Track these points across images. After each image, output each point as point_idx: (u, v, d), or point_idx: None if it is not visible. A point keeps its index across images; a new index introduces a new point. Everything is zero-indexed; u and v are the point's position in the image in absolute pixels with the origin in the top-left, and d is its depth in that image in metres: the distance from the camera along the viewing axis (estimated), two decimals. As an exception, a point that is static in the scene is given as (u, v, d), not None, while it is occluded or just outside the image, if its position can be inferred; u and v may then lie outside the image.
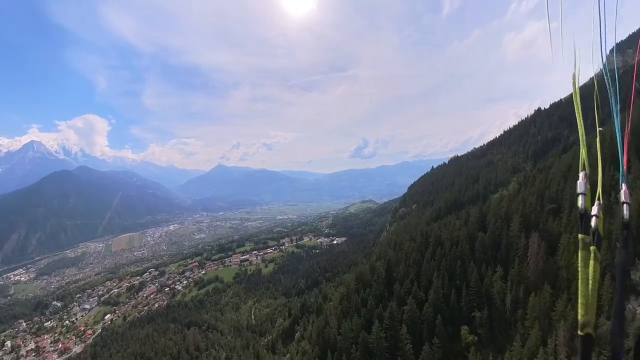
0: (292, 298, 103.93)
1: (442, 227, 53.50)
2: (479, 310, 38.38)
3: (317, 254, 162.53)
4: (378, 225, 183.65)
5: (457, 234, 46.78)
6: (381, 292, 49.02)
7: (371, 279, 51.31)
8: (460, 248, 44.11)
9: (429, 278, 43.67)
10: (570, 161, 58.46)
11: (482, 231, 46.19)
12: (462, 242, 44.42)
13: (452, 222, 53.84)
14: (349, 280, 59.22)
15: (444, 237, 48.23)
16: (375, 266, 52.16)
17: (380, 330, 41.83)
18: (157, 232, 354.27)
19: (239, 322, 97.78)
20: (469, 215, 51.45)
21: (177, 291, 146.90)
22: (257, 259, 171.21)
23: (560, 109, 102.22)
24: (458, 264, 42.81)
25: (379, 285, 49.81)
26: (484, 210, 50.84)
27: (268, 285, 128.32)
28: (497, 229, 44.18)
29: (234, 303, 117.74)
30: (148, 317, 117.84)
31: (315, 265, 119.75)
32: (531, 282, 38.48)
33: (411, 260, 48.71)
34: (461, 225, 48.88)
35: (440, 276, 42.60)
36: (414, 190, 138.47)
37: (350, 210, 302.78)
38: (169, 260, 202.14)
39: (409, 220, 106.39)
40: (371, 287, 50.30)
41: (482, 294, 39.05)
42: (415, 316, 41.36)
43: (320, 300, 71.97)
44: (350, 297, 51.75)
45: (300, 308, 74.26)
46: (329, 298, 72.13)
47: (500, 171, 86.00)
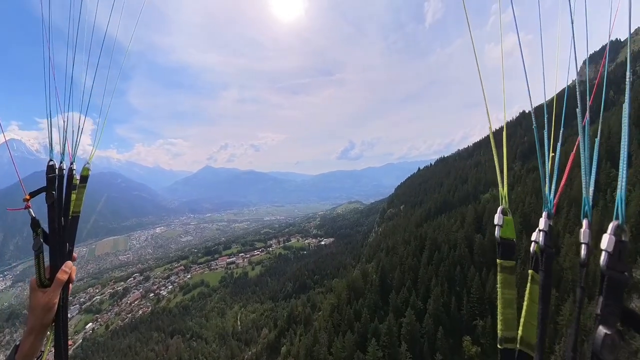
0: (279, 302, 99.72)
1: (436, 228, 49.87)
2: (481, 319, 35.04)
3: (305, 255, 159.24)
4: (366, 225, 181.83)
5: (454, 236, 43.38)
6: (375, 301, 44.54)
7: (364, 287, 46.98)
8: (458, 251, 40.66)
9: (426, 285, 39.88)
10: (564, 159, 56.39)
11: (479, 233, 43.04)
12: (460, 245, 41.04)
13: (447, 223, 50.28)
14: (340, 289, 53.86)
15: (440, 240, 44.54)
16: (368, 272, 47.84)
17: (377, 349, 37.38)
18: (143, 235, 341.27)
19: (224, 328, 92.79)
20: (464, 217, 48.14)
21: (161, 297, 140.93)
22: (243, 261, 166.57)
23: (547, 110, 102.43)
24: (457, 269, 39.20)
25: (372, 295, 45.36)
26: (479, 210, 47.69)
27: (255, 288, 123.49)
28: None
29: (219, 308, 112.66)
30: (131, 325, 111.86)
31: (303, 268, 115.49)
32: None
33: (407, 266, 44.80)
34: (458, 227, 45.30)
35: (439, 283, 38.85)
36: (401, 191, 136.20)
37: (338, 211, 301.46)
38: (155, 264, 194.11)
39: (398, 221, 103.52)
40: (364, 297, 45.75)
41: (484, 300, 35.68)
42: (415, 330, 37.31)
43: (309, 309, 66.20)
44: (341, 309, 46.78)
45: (287, 318, 67.30)
46: (317, 307, 67.11)
47: (489, 171, 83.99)
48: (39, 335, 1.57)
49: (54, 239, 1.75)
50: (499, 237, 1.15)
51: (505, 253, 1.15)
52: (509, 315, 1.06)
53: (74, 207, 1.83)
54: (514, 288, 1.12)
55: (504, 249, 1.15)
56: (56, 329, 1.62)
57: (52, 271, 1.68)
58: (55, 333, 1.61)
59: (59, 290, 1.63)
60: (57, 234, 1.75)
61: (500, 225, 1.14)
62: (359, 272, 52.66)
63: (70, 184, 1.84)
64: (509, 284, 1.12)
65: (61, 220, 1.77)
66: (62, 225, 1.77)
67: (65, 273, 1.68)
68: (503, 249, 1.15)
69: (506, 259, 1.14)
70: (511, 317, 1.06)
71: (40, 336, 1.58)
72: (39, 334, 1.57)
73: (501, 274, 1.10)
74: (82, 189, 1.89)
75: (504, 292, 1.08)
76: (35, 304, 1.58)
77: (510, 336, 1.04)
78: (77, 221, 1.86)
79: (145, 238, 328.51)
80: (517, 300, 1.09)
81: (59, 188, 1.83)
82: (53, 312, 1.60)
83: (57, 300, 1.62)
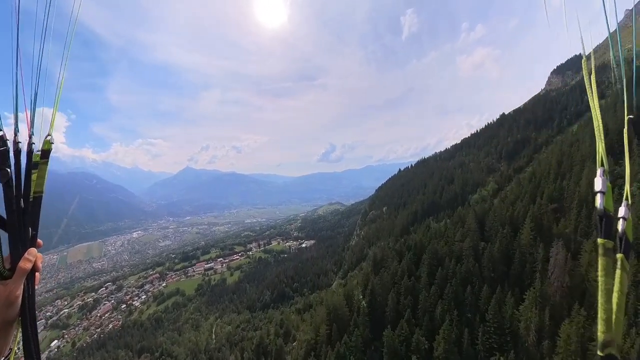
0: (257, 313, 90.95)
1: (433, 236, 41.82)
2: (502, 353, 27.63)
3: (285, 258, 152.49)
4: (347, 227, 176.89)
5: (458, 246, 35.78)
6: (365, 339, 34.54)
7: (349, 317, 37.10)
8: (465, 266, 33.02)
9: (430, 312, 31.70)
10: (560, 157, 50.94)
11: (483, 240, 35.90)
12: (467, 258, 33.54)
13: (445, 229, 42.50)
14: (318, 320, 41.50)
15: (442, 252, 36.45)
16: (352, 294, 38.49)
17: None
18: (119, 240, 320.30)
19: (197, 344, 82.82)
20: (463, 220, 40.68)
21: (134, 308, 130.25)
22: (222, 266, 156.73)
23: (525, 113, 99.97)
24: (468, 290, 31.36)
25: (360, 330, 35.12)
26: (479, 213, 40.44)
27: (232, 296, 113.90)
28: (504, 238, 33.90)
29: (194, 320, 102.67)
30: (99, 341, 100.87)
31: (282, 275, 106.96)
32: (557, 303, 28.62)
33: (403, 287, 35.80)
34: (461, 235, 37.24)
35: (445, 309, 30.70)
36: (383, 192, 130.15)
37: (319, 212, 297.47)
38: (130, 271, 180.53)
39: (381, 224, 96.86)
40: (349, 332, 35.36)
41: (504, 329, 28.29)
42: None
43: (281, 341, 52.81)
44: (319, 350, 35.95)
45: (256, 349, 53.60)
46: (291, 335, 55.82)
47: (475, 171, 78.59)
48: (2, 333, 1.35)
49: (13, 223, 1.46)
50: (602, 208, 0.91)
51: (608, 230, 0.90)
52: (610, 313, 0.85)
53: (35, 187, 1.55)
54: (613, 276, 0.90)
55: (607, 224, 0.90)
56: (23, 324, 1.39)
57: (13, 260, 1.42)
58: (23, 328, 1.38)
59: (21, 281, 1.38)
60: (17, 218, 1.47)
61: (604, 193, 0.91)
62: (342, 293, 41.82)
63: (30, 160, 1.56)
64: (610, 271, 0.89)
65: (20, 202, 1.49)
66: (23, 208, 1.50)
67: (28, 261, 1.42)
68: (606, 224, 0.90)
69: (608, 238, 0.90)
70: (611, 314, 0.85)
71: (2, 334, 1.36)
72: (3, 331, 1.35)
73: (603, 258, 0.89)
74: (44, 166, 1.59)
75: (606, 282, 0.86)
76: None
77: (610, 339, 0.84)
78: (40, 203, 1.57)
79: (121, 243, 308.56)
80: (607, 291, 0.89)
81: (16, 165, 1.52)
82: (17, 305, 1.36)
83: (19, 292, 1.37)
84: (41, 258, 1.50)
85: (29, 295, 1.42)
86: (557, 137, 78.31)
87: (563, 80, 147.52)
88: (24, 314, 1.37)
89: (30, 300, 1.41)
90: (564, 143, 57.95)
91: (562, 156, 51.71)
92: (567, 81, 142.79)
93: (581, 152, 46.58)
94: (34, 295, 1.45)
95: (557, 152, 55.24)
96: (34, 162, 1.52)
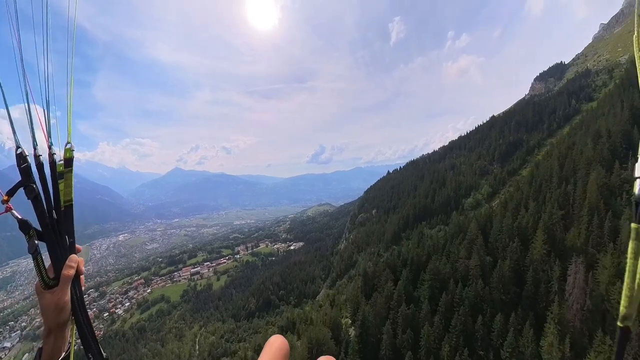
0: (241, 322, 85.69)
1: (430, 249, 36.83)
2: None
3: (273, 262, 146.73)
4: (335, 229, 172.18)
5: (462, 264, 30.94)
6: None
7: (336, 352, 31.03)
8: (472, 289, 28.27)
9: (434, 353, 26.67)
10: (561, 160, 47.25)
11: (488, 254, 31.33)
12: (473, 279, 28.86)
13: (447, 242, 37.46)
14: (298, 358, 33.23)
15: (445, 273, 31.48)
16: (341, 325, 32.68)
17: None
18: (105, 244, 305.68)
19: (180, 355, 76.99)
20: (464, 230, 35.93)
21: (117, 317, 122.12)
22: (209, 271, 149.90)
23: (516, 116, 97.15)
24: (479, 320, 26.52)
25: None
26: (481, 221, 35.88)
27: (218, 303, 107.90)
28: (514, 253, 29.49)
29: (178, 329, 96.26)
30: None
31: (268, 281, 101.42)
32: (577, 330, 24.30)
33: (401, 318, 30.38)
34: (469, 249, 32.08)
35: (453, 345, 25.92)
36: (372, 195, 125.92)
37: (309, 213, 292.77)
38: (114, 276, 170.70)
39: (371, 227, 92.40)
40: None
41: (522, 367, 23.73)
42: None
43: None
44: None
45: None
46: None
47: (467, 174, 74.79)
48: (58, 334, 1.45)
49: (49, 235, 1.49)
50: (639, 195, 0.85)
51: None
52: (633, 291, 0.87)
53: (64, 197, 1.55)
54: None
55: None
56: (77, 323, 1.46)
57: (55, 269, 1.47)
58: (78, 328, 1.46)
59: (67, 287, 1.45)
60: (52, 229, 1.50)
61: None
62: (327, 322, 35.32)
63: (55, 171, 1.54)
64: None
65: (52, 214, 1.51)
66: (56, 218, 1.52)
67: (70, 268, 1.48)
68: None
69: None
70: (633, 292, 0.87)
71: (59, 334, 1.47)
72: (58, 333, 1.45)
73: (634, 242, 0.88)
74: (70, 174, 1.57)
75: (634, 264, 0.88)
76: (45, 306, 1.43)
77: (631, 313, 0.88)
78: (72, 210, 1.57)
79: (107, 247, 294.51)
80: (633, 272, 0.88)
81: (41, 178, 1.51)
82: (67, 310, 1.44)
83: (67, 297, 1.44)
84: (82, 262, 1.54)
85: (77, 297, 1.47)
86: (550, 140, 75.48)
87: (546, 86, 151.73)
88: (77, 315, 1.44)
89: (80, 301, 1.47)
90: (561, 146, 54.51)
91: (563, 159, 48.07)
92: (550, 87, 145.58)
93: (585, 156, 42.78)
94: (82, 297, 1.49)
95: (557, 155, 51.68)
96: (59, 172, 1.50)
